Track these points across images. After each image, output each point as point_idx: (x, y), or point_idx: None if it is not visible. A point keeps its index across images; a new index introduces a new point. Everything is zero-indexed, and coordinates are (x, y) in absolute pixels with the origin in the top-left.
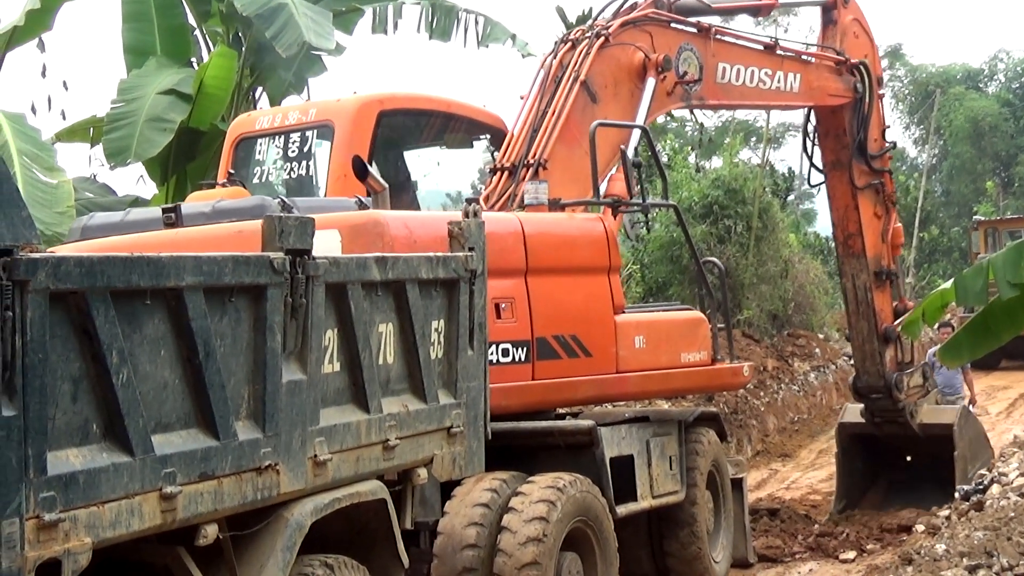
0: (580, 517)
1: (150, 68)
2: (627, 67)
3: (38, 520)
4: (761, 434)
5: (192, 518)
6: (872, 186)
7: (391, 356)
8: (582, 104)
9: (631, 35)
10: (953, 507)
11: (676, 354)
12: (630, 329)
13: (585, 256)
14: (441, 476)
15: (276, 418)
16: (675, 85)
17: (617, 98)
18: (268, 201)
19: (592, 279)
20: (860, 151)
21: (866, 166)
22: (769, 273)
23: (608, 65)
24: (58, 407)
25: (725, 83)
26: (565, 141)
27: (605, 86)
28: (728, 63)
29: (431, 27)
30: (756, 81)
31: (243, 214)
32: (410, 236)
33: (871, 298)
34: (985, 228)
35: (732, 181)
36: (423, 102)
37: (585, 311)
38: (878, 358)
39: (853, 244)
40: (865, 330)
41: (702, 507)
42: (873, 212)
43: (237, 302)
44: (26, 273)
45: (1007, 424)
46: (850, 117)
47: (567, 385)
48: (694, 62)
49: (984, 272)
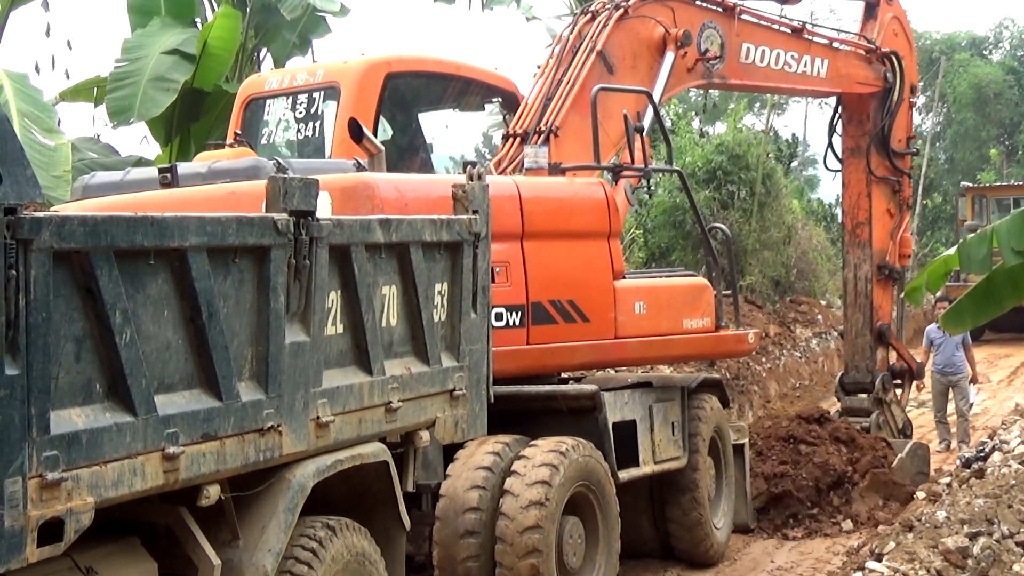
0: (582, 481)
1: (154, 28)
2: (647, 40)
3: (41, 479)
4: (763, 400)
5: (194, 478)
6: (889, 181)
7: (394, 318)
8: (598, 74)
9: (652, 8)
10: (954, 474)
11: (678, 320)
12: (630, 295)
13: (584, 221)
14: (443, 439)
15: (279, 379)
16: (696, 62)
17: (635, 71)
18: (263, 162)
19: (591, 244)
20: (882, 142)
21: (886, 159)
22: (772, 239)
23: (627, 37)
24: (61, 366)
25: (748, 63)
26: (579, 110)
27: (623, 58)
28: (753, 44)
29: None
30: (781, 64)
31: (238, 175)
32: (401, 199)
33: (870, 290)
34: (973, 195)
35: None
36: (432, 64)
37: (583, 276)
38: (868, 353)
39: (860, 233)
40: (860, 323)
41: (704, 473)
42: (886, 208)
43: (241, 263)
44: (30, 232)
45: (1008, 392)
46: (876, 105)
47: (563, 350)
48: (717, 40)
49: (988, 239)
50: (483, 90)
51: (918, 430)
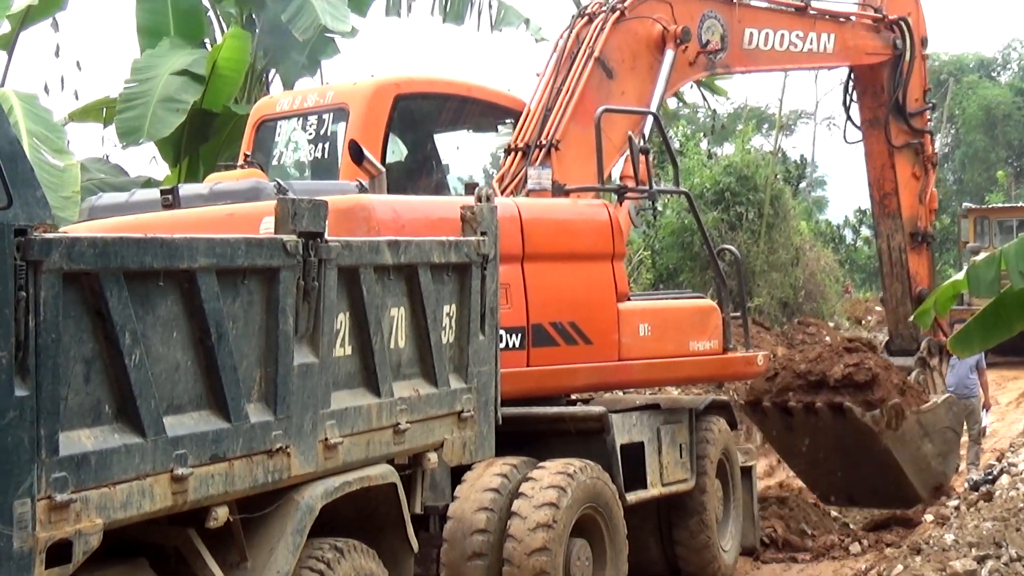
0: (590, 503)
1: (163, 48)
2: (645, 40)
3: (50, 500)
4: None
5: (203, 500)
6: (911, 146)
7: (402, 340)
8: (597, 80)
9: (649, 6)
10: (962, 497)
11: (684, 342)
12: (634, 317)
13: (587, 243)
14: (451, 461)
15: (287, 401)
16: (697, 55)
17: (635, 72)
18: (263, 184)
19: (594, 266)
20: (898, 110)
21: (905, 125)
22: (780, 261)
23: (625, 39)
24: (70, 388)
25: (752, 49)
26: (579, 119)
27: (622, 60)
28: (756, 28)
29: (445, 10)
30: (787, 44)
31: (238, 196)
32: (398, 220)
33: (905, 259)
34: (975, 216)
35: (744, 168)
36: (443, 86)
37: (586, 298)
38: (911, 322)
39: (889, 204)
40: (899, 292)
41: (711, 495)
42: (911, 172)
43: (250, 284)
44: (40, 253)
45: (1017, 414)
46: (888, 74)
47: (565, 372)
48: (718, 29)
49: (996, 262)
50: (495, 111)
51: None
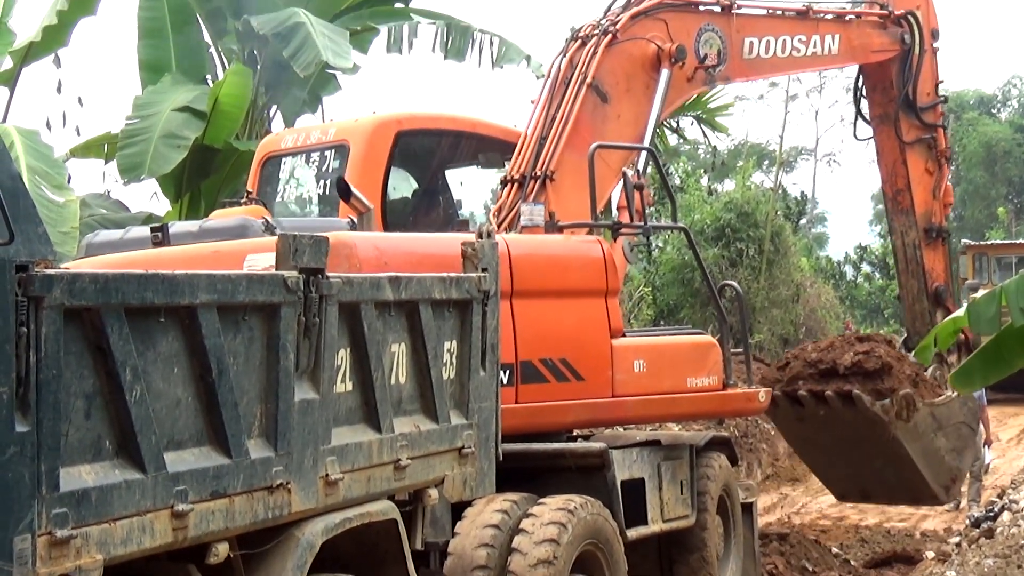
0: (590, 540)
1: (165, 85)
2: (640, 60)
3: (50, 536)
4: (771, 458)
5: (203, 536)
6: (923, 141)
7: (403, 376)
8: (591, 106)
9: (643, 26)
10: (964, 534)
11: (682, 379)
12: (628, 353)
13: (578, 279)
14: (452, 497)
15: (288, 437)
16: (695, 70)
17: (630, 94)
18: (251, 221)
19: (586, 302)
20: (908, 105)
21: (916, 120)
22: (780, 297)
23: (619, 61)
24: (71, 423)
25: (753, 58)
26: (574, 147)
27: (616, 83)
28: (756, 37)
29: (446, 47)
30: (788, 50)
31: (225, 234)
32: (380, 257)
33: (920, 256)
34: (973, 253)
35: (744, 204)
36: (447, 122)
37: (577, 334)
38: (928, 318)
39: (902, 200)
40: (915, 289)
41: (712, 532)
42: (924, 168)
43: (250, 320)
44: (41, 289)
45: (1018, 451)
46: (898, 69)
47: (555, 408)
48: (716, 42)
49: (997, 299)
50: (502, 147)
51: None
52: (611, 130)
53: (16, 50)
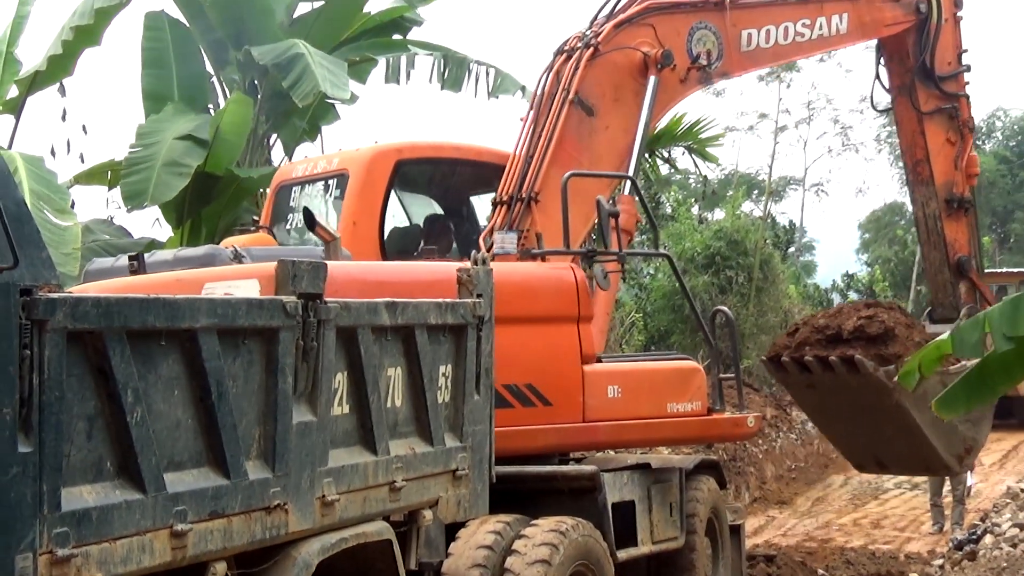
0: (582, 561)
1: (168, 113)
2: (627, 69)
3: (51, 555)
4: (759, 481)
5: (202, 555)
6: (943, 111)
7: (399, 399)
8: (576, 121)
9: (628, 34)
10: (947, 556)
11: (661, 404)
12: (602, 378)
13: (548, 305)
14: (446, 518)
15: (286, 458)
16: (688, 70)
17: (619, 104)
18: (219, 251)
19: (556, 328)
20: (926, 74)
21: (935, 90)
22: (769, 323)
23: (604, 72)
24: (73, 444)
25: (752, 50)
26: (560, 165)
27: (603, 95)
28: (755, 28)
29: (443, 78)
30: (792, 37)
31: (195, 262)
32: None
33: (941, 227)
34: None
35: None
36: (450, 151)
37: (545, 361)
38: (950, 289)
39: (921, 171)
40: (937, 260)
41: (701, 553)
42: (945, 138)
43: (250, 344)
44: (45, 313)
45: (1000, 475)
46: (914, 39)
47: (522, 433)
48: (711, 39)
49: (980, 325)
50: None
51: (911, 513)
52: (600, 142)
53: (22, 79)
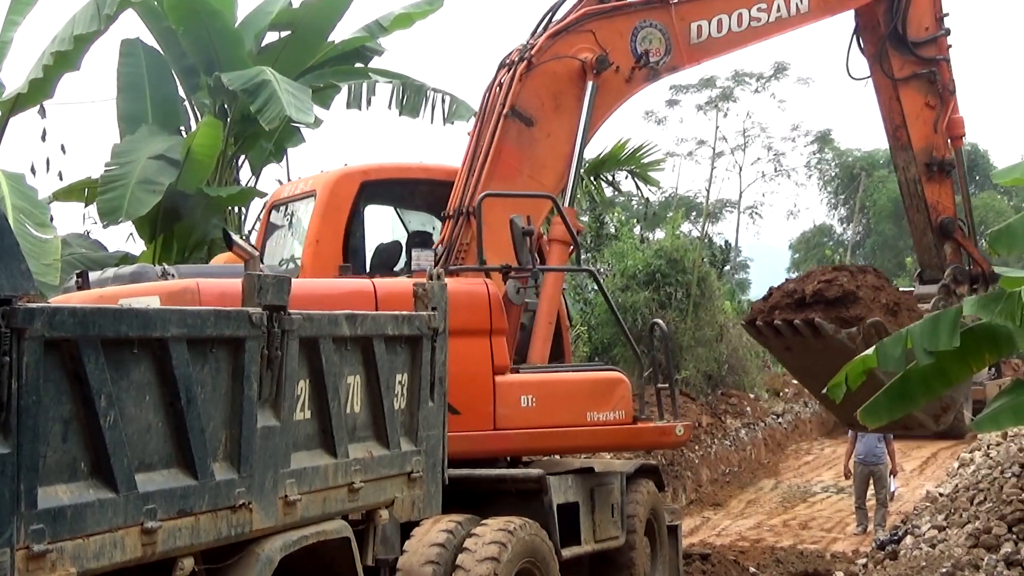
0: (528, 558)
1: (142, 135)
2: (566, 76)
3: (27, 551)
4: (695, 484)
5: (171, 551)
6: (920, 76)
7: (358, 405)
8: (515, 133)
9: (566, 42)
10: (870, 555)
11: (581, 413)
12: (514, 389)
13: (460, 319)
14: (401, 517)
15: (251, 460)
16: (633, 70)
17: (560, 111)
18: (147, 268)
19: (465, 341)
20: (899, 40)
21: (910, 55)
22: (706, 337)
23: (542, 82)
24: (49, 446)
25: (703, 41)
26: (501, 177)
27: (542, 105)
28: (705, 19)
29: (401, 104)
30: (747, 23)
31: (126, 279)
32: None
33: (921, 191)
34: None
35: (673, 252)
36: (418, 171)
37: (455, 371)
38: (935, 251)
39: (900, 136)
40: (921, 223)
41: (640, 552)
42: (924, 103)
43: (217, 353)
44: (23, 321)
45: (920, 480)
46: (884, 7)
47: None
48: (657, 36)
49: (903, 340)
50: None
51: (837, 515)
52: (542, 151)
53: (4, 101)
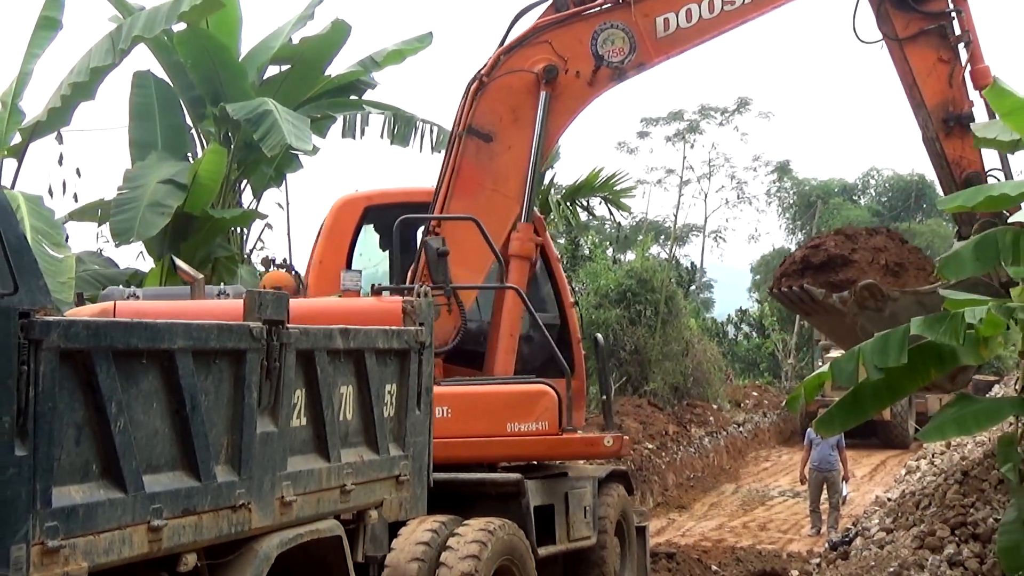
0: (507, 556)
1: (152, 160)
2: (523, 89)
3: (42, 546)
4: (662, 488)
5: (175, 548)
6: (929, 32)
7: (350, 413)
8: (475, 150)
9: (521, 57)
10: (823, 555)
11: (500, 424)
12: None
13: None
14: (390, 517)
15: (250, 464)
16: (595, 72)
17: (519, 123)
18: (116, 290)
19: None
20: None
21: (915, 13)
22: (673, 351)
23: (499, 98)
24: (63, 449)
25: (671, 33)
26: (463, 195)
27: (499, 120)
28: (672, 11)
29: (392, 134)
30: (719, 8)
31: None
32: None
33: (940, 148)
34: None
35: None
36: (421, 195)
37: None
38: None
39: (914, 95)
40: (946, 180)
41: (611, 550)
42: (937, 58)
43: (220, 363)
44: (40, 333)
45: (870, 486)
46: None
47: None
48: (619, 35)
49: (855, 357)
50: None
51: (792, 517)
52: (503, 163)
53: (24, 128)
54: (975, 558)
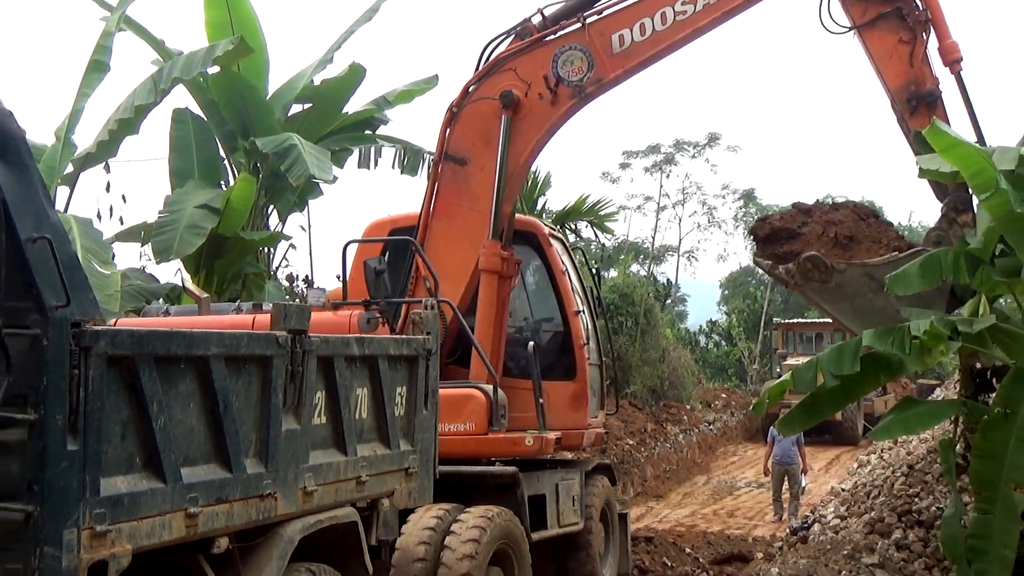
0: (504, 540)
1: (189, 188)
2: (492, 115)
3: (91, 530)
4: (641, 479)
5: (209, 532)
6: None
7: (365, 412)
8: (450, 174)
9: (489, 85)
10: (785, 540)
11: None
12: None
13: None
14: (400, 505)
15: (276, 457)
16: (555, 92)
17: (490, 145)
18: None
19: None
20: None
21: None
22: (651, 358)
23: (471, 124)
24: (110, 444)
25: (627, 48)
26: (442, 216)
27: (472, 144)
28: (626, 27)
29: (402, 164)
30: (671, 19)
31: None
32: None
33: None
34: (783, 329)
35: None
36: None
37: None
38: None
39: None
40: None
41: (596, 535)
42: (897, 39)
43: (249, 368)
44: (90, 341)
45: (826, 478)
46: None
47: None
48: (577, 56)
49: (814, 365)
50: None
51: (757, 506)
52: (476, 184)
53: (76, 159)
54: (919, 542)
